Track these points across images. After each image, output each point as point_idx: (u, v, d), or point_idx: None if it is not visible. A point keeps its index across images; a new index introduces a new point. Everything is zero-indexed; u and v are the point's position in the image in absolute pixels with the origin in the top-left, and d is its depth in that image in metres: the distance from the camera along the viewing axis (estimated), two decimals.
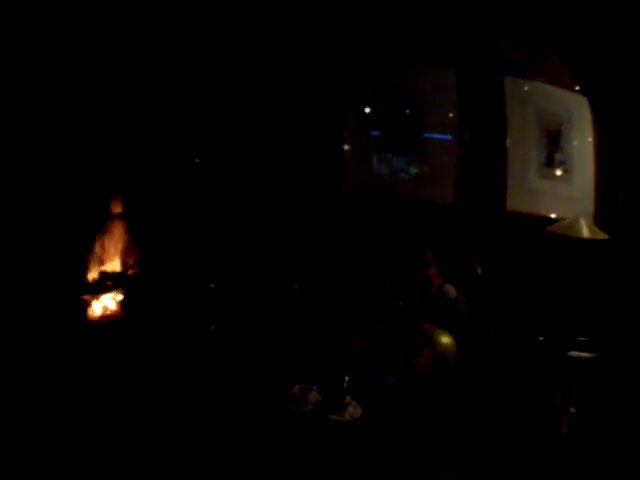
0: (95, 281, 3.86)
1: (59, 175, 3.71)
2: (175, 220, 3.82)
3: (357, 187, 3.92)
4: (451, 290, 3.53)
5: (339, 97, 3.95)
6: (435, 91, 4.03)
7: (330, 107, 3.93)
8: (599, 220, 4.06)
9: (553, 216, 4.11)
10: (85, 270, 3.85)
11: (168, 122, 3.81)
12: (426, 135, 4.05)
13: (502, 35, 4.01)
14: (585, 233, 3.93)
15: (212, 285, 3.69)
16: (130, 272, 3.85)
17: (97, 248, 3.84)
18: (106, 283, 3.86)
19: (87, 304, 3.84)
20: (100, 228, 3.84)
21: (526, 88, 4.10)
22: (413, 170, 4.04)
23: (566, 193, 4.15)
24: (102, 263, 3.87)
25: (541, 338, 3.59)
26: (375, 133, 4.04)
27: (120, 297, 3.85)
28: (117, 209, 3.83)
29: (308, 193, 3.80)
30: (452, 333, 3.39)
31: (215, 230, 3.81)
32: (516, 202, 4.04)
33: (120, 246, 3.85)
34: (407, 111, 4.01)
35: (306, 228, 3.72)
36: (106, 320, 3.84)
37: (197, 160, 3.79)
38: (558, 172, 4.18)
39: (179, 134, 3.82)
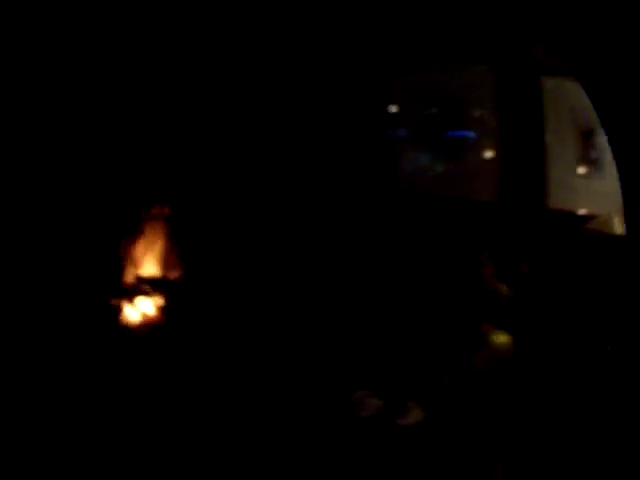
0: (131, 285, 3.69)
1: (96, 174, 3.54)
2: (219, 221, 3.69)
3: (404, 184, 3.89)
4: (504, 289, 3.54)
5: (383, 95, 3.91)
6: (473, 89, 4.03)
7: (375, 105, 3.88)
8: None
9: (588, 213, 4.15)
10: (120, 274, 3.67)
11: (211, 120, 3.67)
12: (466, 133, 4.05)
13: (538, 35, 4.01)
14: (619, 230, 3.98)
15: None
16: (171, 276, 3.70)
17: (134, 251, 3.67)
18: (143, 288, 3.70)
19: (121, 309, 3.68)
20: (137, 230, 3.67)
21: (561, 86, 4.11)
22: (453, 168, 4.03)
23: (600, 190, 4.19)
24: (139, 267, 3.70)
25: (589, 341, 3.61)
26: (416, 131, 4.01)
27: (159, 302, 3.69)
28: (157, 210, 3.66)
29: (359, 191, 3.74)
30: (507, 333, 3.40)
31: (261, 231, 3.69)
32: (555, 200, 4.07)
33: (160, 249, 3.69)
34: (448, 109, 4.00)
35: (358, 226, 3.65)
36: (144, 327, 3.69)
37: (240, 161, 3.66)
38: (592, 170, 4.23)
39: (223, 132, 3.69)
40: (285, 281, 3.61)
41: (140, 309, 3.68)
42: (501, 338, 3.38)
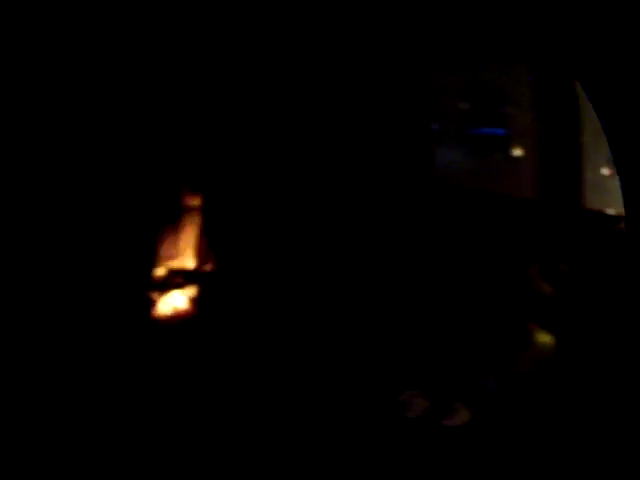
0: (163, 278, 3.56)
1: (127, 164, 3.40)
2: (255, 213, 3.58)
3: (444, 180, 3.86)
4: (548, 288, 3.52)
5: (424, 91, 3.87)
6: (513, 87, 4.02)
7: (416, 101, 3.83)
8: None
9: (621, 213, 4.15)
10: (152, 266, 3.54)
11: (248, 112, 3.56)
12: (504, 131, 4.04)
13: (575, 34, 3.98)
14: None
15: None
16: (204, 268, 3.58)
17: (166, 243, 3.54)
18: (175, 280, 3.57)
19: (153, 302, 3.56)
20: (170, 221, 3.54)
21: None
22: (491, 164, 4.01)
23: None
24: (172, 259, 3.57)
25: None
26: (456, 127, 3.99)
27: (192, 295, 3.57)
28: (192, 202, 3.54)
29: (400, 186, 3.67)
30: (551, 332, 3.38)
31: (297, 224, 3.59)
32: (589, 199, 4.06)
33: (193, 241, 3.56)
34: (488, 106, 3.99)
35: (402, 222, 3.59)
36: (175, 320, 3.57)
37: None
38: None
39: (259, 125, 3.58)
40: (324, 275, 3.53)
41: (172, 302, 3.57)
42: (545, 338, 3.36)
